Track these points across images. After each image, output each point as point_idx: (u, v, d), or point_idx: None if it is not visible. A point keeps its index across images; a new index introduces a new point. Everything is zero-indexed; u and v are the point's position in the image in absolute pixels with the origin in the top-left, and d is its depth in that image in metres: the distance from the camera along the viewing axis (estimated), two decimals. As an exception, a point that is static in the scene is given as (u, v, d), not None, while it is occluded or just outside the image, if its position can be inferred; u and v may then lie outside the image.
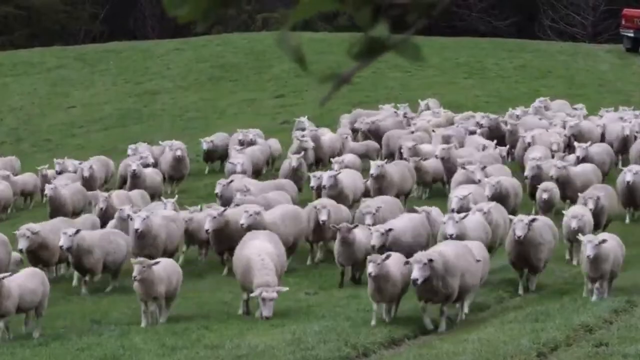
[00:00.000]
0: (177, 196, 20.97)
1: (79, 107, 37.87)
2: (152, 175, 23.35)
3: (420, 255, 12.49)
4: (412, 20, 2.09)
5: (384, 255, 12.90)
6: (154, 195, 21.87)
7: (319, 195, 19.67)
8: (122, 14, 61.64)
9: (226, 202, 18.75)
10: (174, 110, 36.58)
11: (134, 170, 22.54)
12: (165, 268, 13.72)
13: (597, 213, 17.01)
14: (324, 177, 19.73)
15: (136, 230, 16.24)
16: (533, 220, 14.77)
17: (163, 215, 17.06)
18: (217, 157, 27.51)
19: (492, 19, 58.11)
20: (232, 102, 36.97)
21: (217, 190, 19.68)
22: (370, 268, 12.58)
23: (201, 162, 27.59)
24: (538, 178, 19.79)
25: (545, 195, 18.51)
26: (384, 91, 35.99)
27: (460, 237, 14.17)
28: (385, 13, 2.11)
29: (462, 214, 14.94)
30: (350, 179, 20.29)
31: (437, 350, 11.40)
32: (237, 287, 14.65)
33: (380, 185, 20.24)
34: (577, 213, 15.64)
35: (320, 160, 25.53)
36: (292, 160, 22.30)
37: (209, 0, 2.20)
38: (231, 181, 19.92)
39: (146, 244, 16.29)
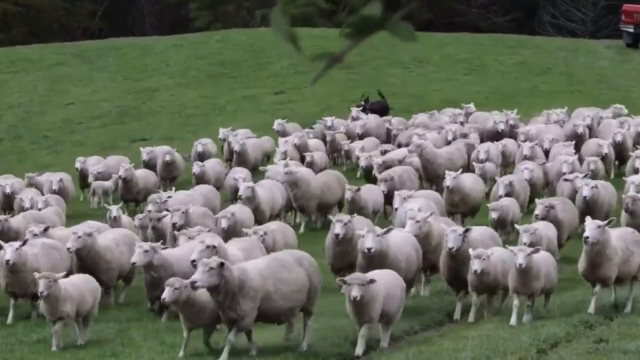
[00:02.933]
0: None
1: (77, 104, 37.83)
2: (146, 176, 23.23)
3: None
4: (405, 1, 2.07)
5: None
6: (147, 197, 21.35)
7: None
8: (121, 11, 61.60)
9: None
10: (173, 107, 36.55)
11: (124, 177, 22.33)
12: (77, 285, 12.29)
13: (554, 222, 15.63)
14: (241, 186, 19.19)
15: (7, 262, 13.45)
16: (467, 230, 13.39)
17: (42, 243, 14.19)
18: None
19: (492, 15, 58.08)
20: (232, 99, 36.95)
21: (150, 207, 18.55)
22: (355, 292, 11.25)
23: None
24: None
25: (494, 215, 17.07)
26: (383, 88, 35.93)
27: (378, 252, 12.71)
28: None
29: (385, 229, 13.11)
30: (269, 192, 19.54)
31: (436, 347, 11.38)
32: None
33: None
34: (530, 227, 14.19)
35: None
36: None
37: None
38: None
39: (19, 279, 13.55)
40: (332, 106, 33.17)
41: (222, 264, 10.77)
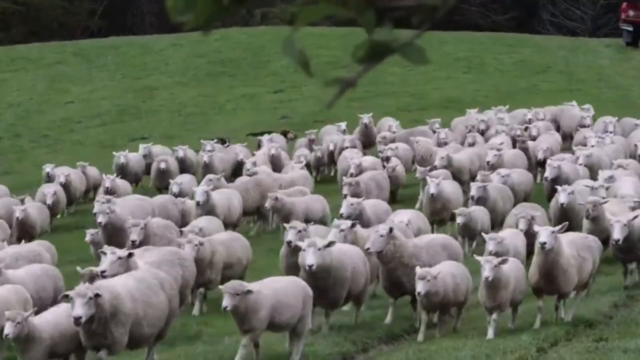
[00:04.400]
0: None
1: (77, 103, 37.84)
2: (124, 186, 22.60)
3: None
4: (417, 22, 2.08)
5: None
6: None
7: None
8: (120, 10, 61.59)
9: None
10: (173, 106, 36.56)
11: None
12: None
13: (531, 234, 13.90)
14: (197, 191, 18.55)
15: None
16: (391, 230, 12.58)
17: None
18: (132, 177, 24.54)
19: (492, 14, 58.07)
20: (231, 98, 36.96)
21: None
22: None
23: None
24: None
25: (460, 220, 16.09)
26: (383, 86, 35.97)
27: (320, 266, 11.77)
28: (389, 16, 2.09)
29: (327, 241, 12.05)
30: (225, 199, 18.87)
31: (436, 346, 11.39)
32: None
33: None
34: (496, 236, 13.37)
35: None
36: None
37: (212, 7, 2.19)
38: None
39: None
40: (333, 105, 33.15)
41: (98, 295, 9.78)
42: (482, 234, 14.07)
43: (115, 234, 16.27)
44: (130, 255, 11.73)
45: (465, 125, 25.33)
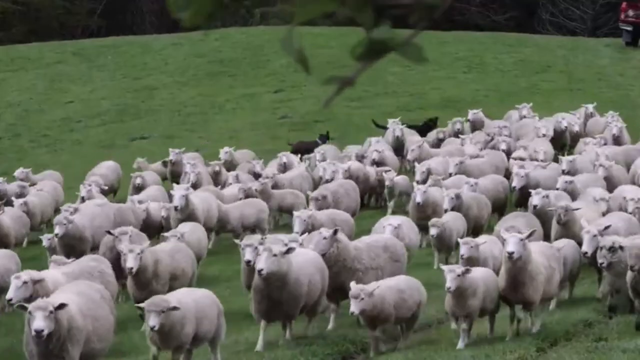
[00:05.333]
0: None
1: (77, 103, 37.83)
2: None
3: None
4: (415, 21, 2.07)
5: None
6: None
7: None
8: (120, 9, 61.59)
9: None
10: (172, 106, 36.55)
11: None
12: None
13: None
14: (176, 195, 17.79)
15: None
16: (335, 232, 12.28)
17: None
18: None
19: (491, 14, 58.07)
20: (231, 97, 36.94)
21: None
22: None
23: None
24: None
25: (433, 232, 15.44)
26: (383, 86, 35.96)
27: (274, 273, 11.23)
28: (388, 14, 2.09)
29: (285, 248, 11.47)
30: (205, 202, 18.30)
31: (435, 346, 11.39)
32: (235, 283, 14.64)
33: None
34: (470, 240, 12.80)
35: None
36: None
37: (212, 3, 2.18)
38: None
39: None
40: (331, 104, 33.13)
41: (61, 305, 9.18)
42: (458, 239, 13.45)
43: (73, 244, 16.01)
44: (38, 281, 10.80)
45: (487, 132, 24.50)
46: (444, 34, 42.89)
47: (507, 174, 20.32)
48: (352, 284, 11.05)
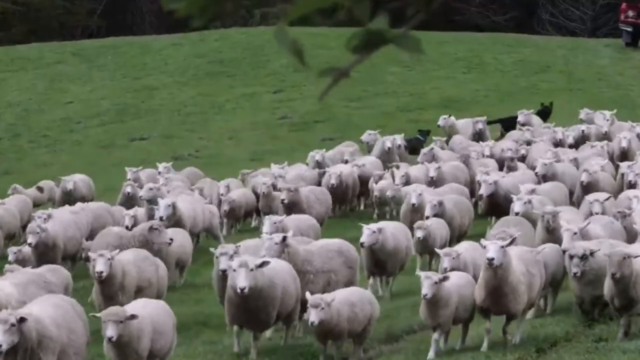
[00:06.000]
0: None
1: (76, 103, 37.81)
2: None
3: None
4: (411, 13, 2.05)
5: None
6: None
7: None
8: (120, 9, 61.58)
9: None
10: (172, 106, 36.53)
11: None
12: None
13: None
14: (161, 205, 17.07)
15: None
16: (285, 238, 12.03)
17: None
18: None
19: (491, 14, 58.06)
20: (230, 97, 36.93)
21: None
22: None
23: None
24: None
25: (419, 234, 15.00)
26: (382, 86, 35.95)
27: (253, 289, 10.90)
28: (384, 6, 2.07)
29: (259, 261, 11.13)
30: (191, 209, 17.86)
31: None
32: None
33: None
34: (451, 251, 12.34)
35: None
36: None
37: None
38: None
39: None
40: (331, 104, 33.13)
41: (22, 319, 8.88)
42: (436, 249, 13.14)
43: (46, 252, 15.72)
44: None
45: (514, 139, 23.59)
46: (443, 34, 42.90)
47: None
48: (308, 294, 10.73)
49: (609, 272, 10.96)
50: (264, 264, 10.98)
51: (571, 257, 11.65)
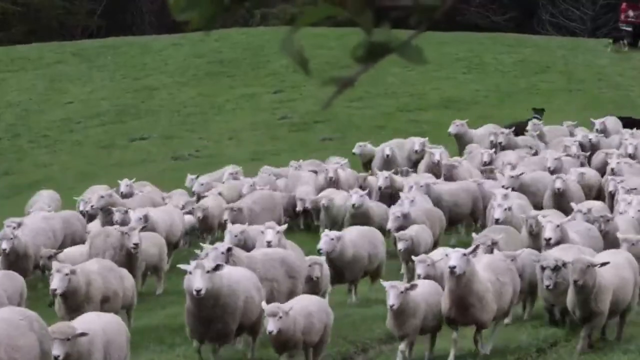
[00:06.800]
0: None
1: (76, 103, 37.82)
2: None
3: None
4: (415, 22, 2.07)
5: None
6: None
7: None
8: (120, 10, 61.59)
9: None
10: (172, 106, 36.53)
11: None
12: None
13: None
14: (133, 216, 16.71)
15: None
16: (229, 250, 11.74)
17: None
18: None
19: (491, 14, 58.08)
20: (230, 98, 36.93)
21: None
22: None
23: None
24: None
25: (401, 246, 14.67)
26: (383, 87, 35.96)
27: (209, 291, 10.45)
28: (387, 16, 2.08)
29: (214, 264, 10.72)
30: (167, 218, 17.44)
31: (435, 347, 11.37)
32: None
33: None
34: (426, 258, 12.07)
35: None
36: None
37: (214, 6, 2.17)
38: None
39: None
40: (331, 105, 33.12)
41: None
42: (412, 257, 12.68)
43: (16, 261, 15.35)
44: None
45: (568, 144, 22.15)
46: (443, 34, 42.88)
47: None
48: (264, 304, 10.43)
49: (571, 279, 10.72)
50: (218, 267, 10.57)
51: (543, 268, 11.39)
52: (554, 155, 20.23)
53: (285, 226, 13.89)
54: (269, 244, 12.52)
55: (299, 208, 19.53)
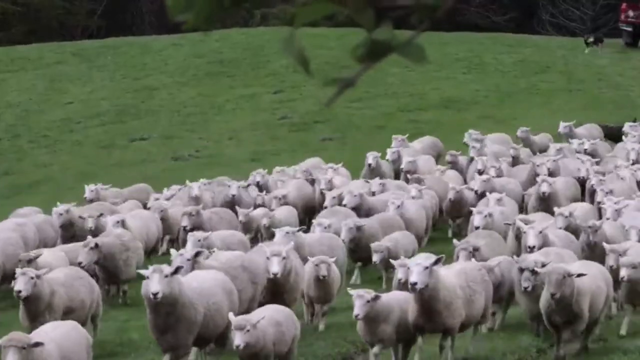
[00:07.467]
0: None
1: (76, 103, 37.82)
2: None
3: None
4: (416, 21, 2.06)
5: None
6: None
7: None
8: (120, 10, 61.59)
9: None
10: (172, 106, 36.53)
11: None
12: None
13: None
14: (108, 224, 16.49)
15: None
16: (177, 271, 10.82)
17: None
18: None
19: (491, 14, 58.09)
20: (230, 98, 36.93)
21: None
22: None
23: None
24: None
25: (375, 258, 14.45)
26: (383, 87, 35.95)
27: (166, 296, 10.07)
28: (388, 15, 2.07)
29: (173, 268, 10.36)
30: (143, 225, 17.20)
31: (435, 347, 11.36)
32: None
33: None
34: (404, 262, 11.43)
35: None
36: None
37: (212, 6, 2.16)
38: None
39: None
40: (333, 103, 33.12)
41: None
42: (392, 261, 12.24)
43: None
44: None
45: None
46: (444, 34, 42.90)
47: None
48: (231, 315, 10.00)
49: (548, 291, 10.49)
50: (177, 270, 10.20)
51: (521, 270, 11.17)
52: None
53: (291, 245, 12.39)
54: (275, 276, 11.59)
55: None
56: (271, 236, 14.99)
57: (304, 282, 12.32)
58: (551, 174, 19.07)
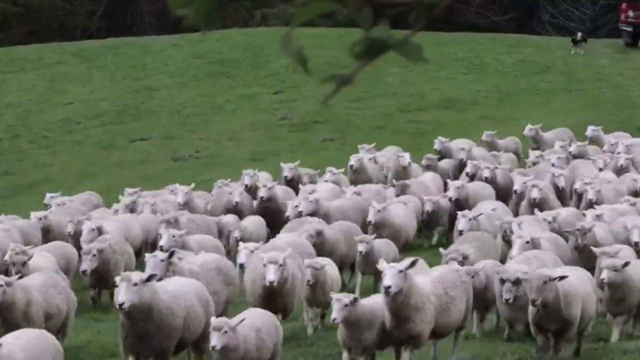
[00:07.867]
0: None
1: (76, 104, 37.82)
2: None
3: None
4: (414, 20, 2.06)
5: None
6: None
7: None
8: (120, 10, 61.60)
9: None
10: (172, 106, 36.54)
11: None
12: None
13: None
14: (84, 229, 16.11)
15: None
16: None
17: None
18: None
19: (491, 14, 58.09)
20: (230, 98, 36.94)
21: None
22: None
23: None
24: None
25: (361, 248, 14.07)
26: (383, 87, 35.96)
27: (136, 306, 9.78)
28: (386, 13, 2.08)
29: (146, 275, 10.15)
30: (124, 228, 16.88)
31: (437, 347, 11.36)
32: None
33: None
34: (394, 266, 10.56)
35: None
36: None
37: (212, 2, 2.16)
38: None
39: None
40: (331, 105, 33.11)
41: None
42: (377, 265, 11.29)
43: None
44: None
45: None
46: (443, 34, 42.90)
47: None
48: (213, 317, 9.73)
49: (529, 299, 10.27)
50: (151, 278, 9.88)
51: (503, 281, 10.94)
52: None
53: (289, 251, 12.03)
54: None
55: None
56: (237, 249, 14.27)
57: (303, 286, 12.11)
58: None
